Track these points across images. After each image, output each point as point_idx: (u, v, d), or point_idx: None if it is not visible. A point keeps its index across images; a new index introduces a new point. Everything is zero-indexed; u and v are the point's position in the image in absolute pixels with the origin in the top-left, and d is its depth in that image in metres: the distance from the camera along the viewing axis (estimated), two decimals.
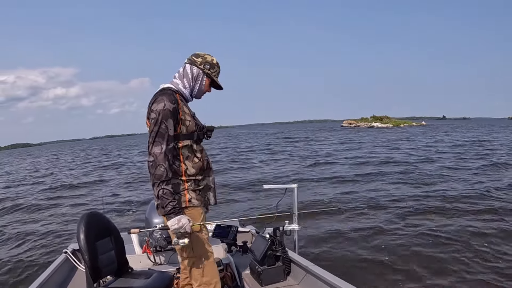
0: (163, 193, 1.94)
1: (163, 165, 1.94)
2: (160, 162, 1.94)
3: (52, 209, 10.51)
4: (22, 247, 6.89)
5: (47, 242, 7.01)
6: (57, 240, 7.07)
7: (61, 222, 8.62)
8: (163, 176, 1.94)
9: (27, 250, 6.64)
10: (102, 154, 37.09)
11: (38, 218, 9.43)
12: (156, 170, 1.93)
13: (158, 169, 1.93)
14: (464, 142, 25.38)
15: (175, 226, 1.96)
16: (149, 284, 2.28)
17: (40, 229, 8.08)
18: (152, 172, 1.95)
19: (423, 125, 69.69)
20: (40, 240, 7.15)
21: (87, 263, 2.15)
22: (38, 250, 6.55)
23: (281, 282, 2.64)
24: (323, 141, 32.49)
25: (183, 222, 1.98)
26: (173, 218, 1.96)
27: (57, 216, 9.48)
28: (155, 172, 1.94)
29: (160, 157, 1.94)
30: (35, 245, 6.86)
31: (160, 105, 1.99)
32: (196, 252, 2.14)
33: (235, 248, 3.32)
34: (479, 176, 11.12)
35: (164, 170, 1.94)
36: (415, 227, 6.28)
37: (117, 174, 17.79)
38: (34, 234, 7.64)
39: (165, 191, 1.94)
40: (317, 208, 7.64)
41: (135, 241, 3.56)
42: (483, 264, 4.65)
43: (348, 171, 13.40)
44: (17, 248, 6.86)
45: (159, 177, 1.93)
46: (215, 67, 2.20)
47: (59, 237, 7.24)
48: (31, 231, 7.94)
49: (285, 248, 2.78)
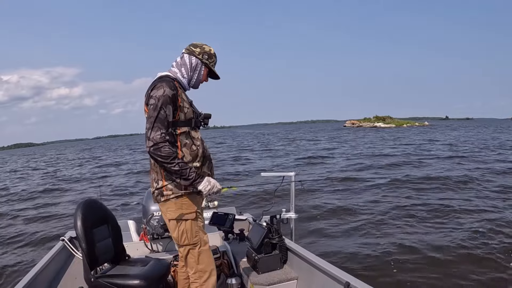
0: (180, 166, 1.96)
1: (166, 145, 1.94)
2: (161, 143, 1.93)
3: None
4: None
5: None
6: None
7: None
8: (171, 154, 1.94)
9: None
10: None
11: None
12: (161, 151, 1.93)
13: (163, 150, 1.93)
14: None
15: (208, 187, 2.03)
16: (146, 271, 2.28)
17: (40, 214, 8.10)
18: (157, 154, 1.93)
19: (426, 126, 69.29)
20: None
21: (84, 251, 2.15)
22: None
23: (277, 270, 2.66)
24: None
25: (213, 182, 2.06)
26: (202, 182, 2.02)
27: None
28: (161, 153, 1.93)
29: (161, 140, 1.94)
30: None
31: (160, 91, 1.98)
32: (191, 240, 2.15)
33: (232, 236, 3.32)
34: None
35: (169, 149, 1.94)
36: (415, 219, 6.33)
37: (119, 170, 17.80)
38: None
39: (181, 164, 1.96)
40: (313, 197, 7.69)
41: (132, 228, 3.56)
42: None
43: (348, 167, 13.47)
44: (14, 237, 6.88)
45: (167, 156, 1.93)
46: (213, 57, 2.20)
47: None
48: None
49: (282, 236, 2.79)
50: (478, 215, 6.26)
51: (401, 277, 4.16)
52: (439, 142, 24.28)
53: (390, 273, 4.28)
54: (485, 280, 4.02)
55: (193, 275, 2.20)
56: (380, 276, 4.22)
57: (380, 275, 4.23)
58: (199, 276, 2.18)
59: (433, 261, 4.52)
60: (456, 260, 4.51)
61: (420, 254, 4.72)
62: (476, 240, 5.08)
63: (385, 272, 4.31)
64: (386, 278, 4.18)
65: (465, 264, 4.40)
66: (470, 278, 4.06)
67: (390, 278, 4.17)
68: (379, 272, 4.31)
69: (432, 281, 4.05)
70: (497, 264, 4.37)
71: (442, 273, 4.21)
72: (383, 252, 4.84)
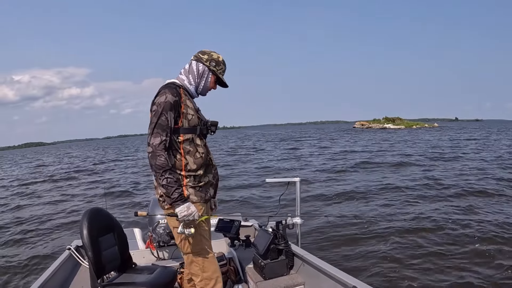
0: (167, 182, 1.95)
1: (163, 155, 1.95)
2: (159, 152, 1.94)
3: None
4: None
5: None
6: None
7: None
8: (164, 166, 1.94)
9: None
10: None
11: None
12: (156, 160, 1.94)
13: (158, 159, 1.94)
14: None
15: (184, 213, 1.97)
16: (153, 279, 2.28)
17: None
18: (153, 163, 1.95)
19: (436, 127, 68.68)
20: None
21: (91, 259, 2.15)
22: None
23: (284, 276, 2.64)
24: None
25: (192, 210, 2.00)
26: (181, 206, 1.97)
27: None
28: (156, 162, 1.94)
29: (159, 148, 1.95)
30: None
31: (162, 97, 2.00)
32: (195, 248, 2.14)
33: (238, 242, 3.32)
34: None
35: (164, 160, 1.94)
36: (425, 223, 6.25)
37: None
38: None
39: (169, 180, 1.95)
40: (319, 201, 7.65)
41: (138, 236, 3.56)
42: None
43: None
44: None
45: (160, 167, 1.94)
46: (221, 64, 2.20)
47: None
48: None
49: (288, 242, 2.78)
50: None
51: (410, 283, 4.12)
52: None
53: (398, 279, 4.23)
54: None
55: (199, 283, 2.19)
56: (387, 281, 4.18)
57: (387, 280, 4.19)
58: (205, 284, 2.18)
59: (442, 268, 4.47)
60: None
61: (429, 262, 4.65)
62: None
63: (392, 277, 4.27)
64: (394, 283, 4.14)
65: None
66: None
67: (398, 284, 4.13)
68: (386, 277, 4.27)
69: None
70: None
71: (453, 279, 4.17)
72: (391, 258, 4.80)
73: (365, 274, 4.29)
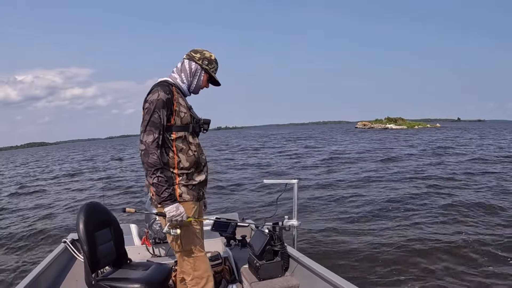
0: (158, 180, 1.94)
1: (156, 153, 1.95)
2: (152, 150, 1.94)
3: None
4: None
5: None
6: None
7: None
8: (156, 164, 1.94)
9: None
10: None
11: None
12: (148, 158, 1.94)
13: (150, 157, 1.94)
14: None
15: (172, 213, 1.97)
16: (147, 276, 2.27)
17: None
18: (145, 160, 1.95)
19: (438, 127, 68.38)
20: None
21: (86, 253, 2.15)
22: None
23: (279, 278, 2.64)
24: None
25: (181, 210, 1.99)
26: (170, 206, 1.97)
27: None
28: (148, 160, 1.94)
29: (152, 146, 1.95)
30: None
31: (154, 95, 2.00)
32: (186, 247, 2.14)
33: (234, 242, 3.31)
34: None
35: (157, 158, 1.94)
36: (419, 225, 6.27)
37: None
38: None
39: (160, 178, 1.95)
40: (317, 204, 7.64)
41: (134, 232, 3.56)
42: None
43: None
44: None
45: (152, 165, 1.94)
46: (213, 63, 2.20)
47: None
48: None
49: (284, 244, 2.77)
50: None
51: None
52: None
53: (394, 284, 4.23)
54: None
55: (190, 281, 2.18)
56: (382, 285, 4.18)
57: (382, 284, 4.19)
58: (196, 283, 2.17)
59: (439, 272, 4.47)
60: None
61: (425, 264, 4.67)
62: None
63: (388, 282, 4.27)
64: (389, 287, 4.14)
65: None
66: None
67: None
68: (381, 282, 4.26)
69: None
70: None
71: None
72: (388, 262, 4.80)
73: (360, 278, 4.27)
